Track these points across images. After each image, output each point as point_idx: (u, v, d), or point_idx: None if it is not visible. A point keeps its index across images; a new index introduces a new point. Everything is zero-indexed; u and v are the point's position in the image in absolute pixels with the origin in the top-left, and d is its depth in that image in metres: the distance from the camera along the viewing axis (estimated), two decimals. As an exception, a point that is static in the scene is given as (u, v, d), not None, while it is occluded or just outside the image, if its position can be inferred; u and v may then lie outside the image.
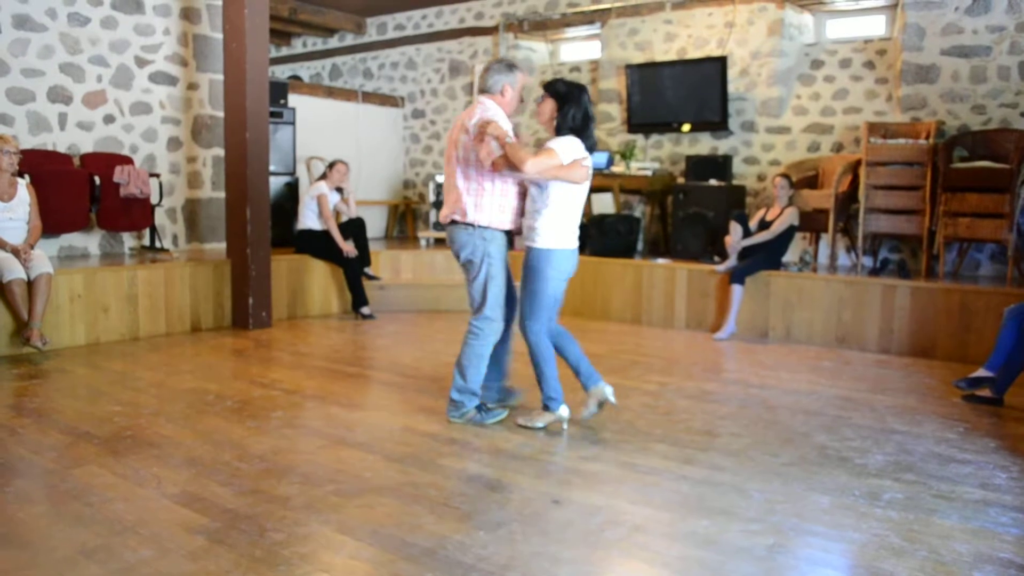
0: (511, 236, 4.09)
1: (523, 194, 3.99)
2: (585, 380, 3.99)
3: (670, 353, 5.97)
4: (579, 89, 3.87)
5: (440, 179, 8.82)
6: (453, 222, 3.94)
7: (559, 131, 3.83)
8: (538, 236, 3.83)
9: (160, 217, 7.26)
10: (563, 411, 3.94)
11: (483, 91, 4.01)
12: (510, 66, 3.99)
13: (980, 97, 6.74)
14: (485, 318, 3.96)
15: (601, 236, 7.62)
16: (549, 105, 3.86)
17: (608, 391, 3.97)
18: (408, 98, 10.58)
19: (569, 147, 3.77)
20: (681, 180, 8.15)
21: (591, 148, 3.89)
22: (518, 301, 4.02)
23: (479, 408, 4.03)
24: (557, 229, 3.83)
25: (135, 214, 6.74)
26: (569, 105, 3.81)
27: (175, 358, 5.46)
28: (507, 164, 3.74)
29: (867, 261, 7.08)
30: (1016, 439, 3.94)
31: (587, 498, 3.07)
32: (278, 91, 8.04)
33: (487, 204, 3.88)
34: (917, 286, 5.97)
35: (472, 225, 3.89)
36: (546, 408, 3.94)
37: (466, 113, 3.96)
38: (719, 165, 7.78)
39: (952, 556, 2.61)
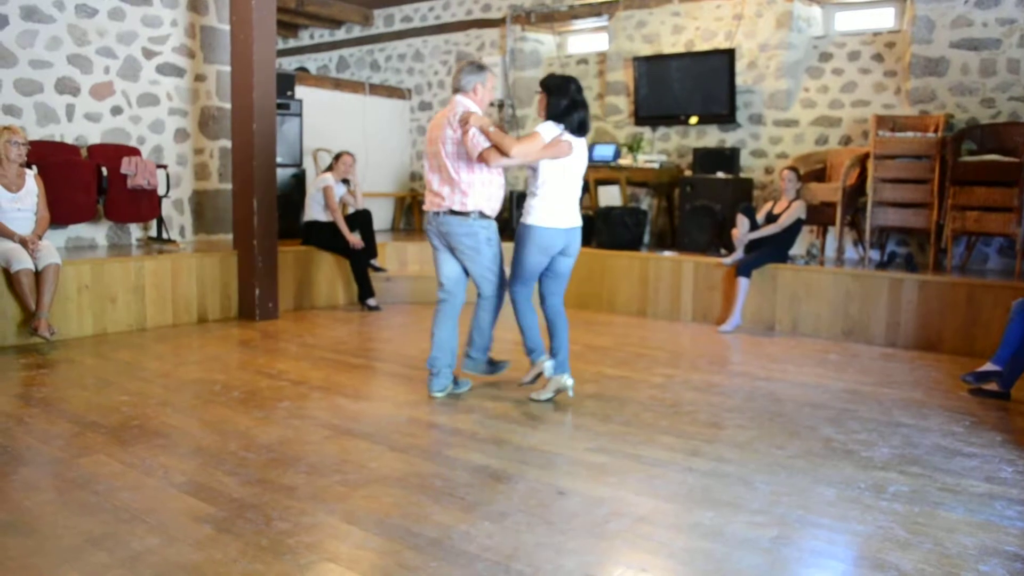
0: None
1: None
2: (556, 365, 4.30)
3: (676, 346, 5.96)
4: (566, 80, 4.17)
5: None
6: (452, 212, 4.18)
7: (546, 119, 4.14)
8: (528, 214, 4.18)
9: (167, 208, 7.27)
10: (546, 363, 4.30)
11: (456, 90, 4.26)
12: (480, 67, 4.27)
13: (989, 90, 6.70)
14: (499, 283, 4.33)
15: (608, 228, 7.61)
16: (541, 99, 4.18)
17: (569, 383, 4.29)
18: (415, 90, 10.56)
19: (548, 130, 4.08)
20: (688, 173, 8.12)
21: (576, 130, 4.16)
22: (508, 274, 4.33)
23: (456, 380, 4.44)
24: (546, 209, 4.14)
25: (142, 205, 6.76)
26: (554, 95, 4.12)
27: (182, 349, 5.48)
28: (496, 153, 4.01)
29: (874, 254, 7.06)
30: (1022, 433, 3.93)
31: (592, 489, 3.07)
32: (285, 83, 8.04)
33: (482, 194, 4.18)
34: (924, 280, 5.95)
35: (475, 215, 4.18)
36: (532, 360, 4.35)
37: (443, 112, 4.23)
38: (726, 158, 7.76)
39: (957, 549, 2.61)
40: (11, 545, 2.51)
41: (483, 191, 4.16)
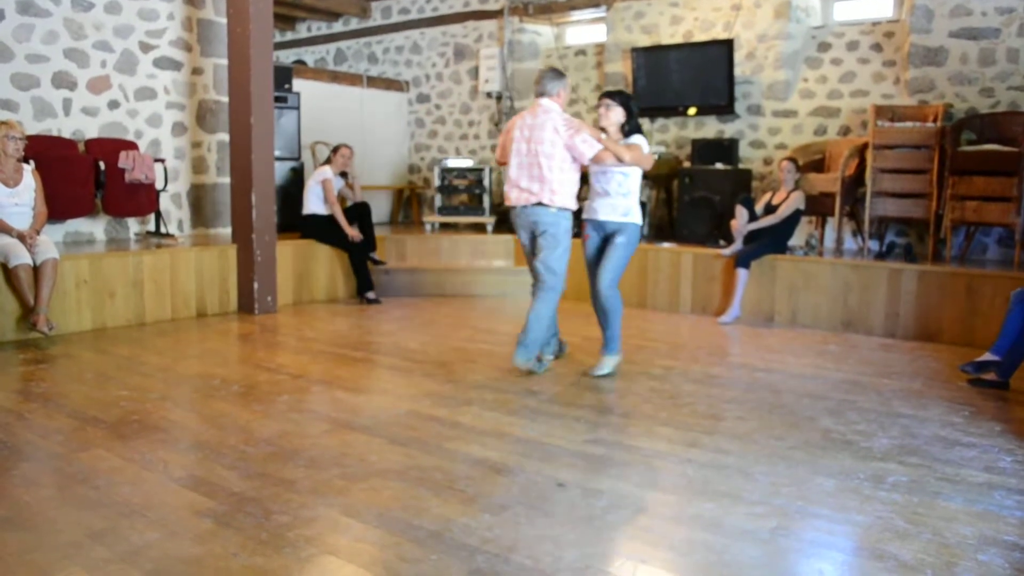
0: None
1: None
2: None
3: (675, 337, 5.96)
4: (633, 98, 4.78)
5: (448, 163, 8.74)
6: (540, 204, 4.61)
7: (630, 132, 4.65)
8: (635, 214, 4.68)
9: (165, 202, 7.25)
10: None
11: (541, 95, 4.66)
12: (561, 73, 4.74)
13: (988, 80, 6.69)
14: (562, 280, 4.71)
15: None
16: (619, 112, 4.65)
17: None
18: (413, 82, 10.54)
19: (644, 142, 4.66)
20: (687, 164, 8.11)
21: None
22: (604, 268, 4.69)
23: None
24: (639, 208, 4.74)
25: (140, 199, 6.74)
26: (633, 111, 4.69)
27: (181, 343, 5.48)
28: (610, 156, 4.51)
29: (873, 245, 7.06)
30: (1021, 423, 3.94)
31: (592, 481, 3.08)
32: (283, 76, 8.01)
33: (569, 191, 4.66)
34: (923, 270, 5.94)
35: (559, 208, 4.62)
36: (613, 353, 4.74)
37: (531, 113, 4.65)
38: (725, 149, 7.74)
39: (956, 539, 2.62)
40: (11, 540, 2.51)
41: (569, 190, 4.65)
